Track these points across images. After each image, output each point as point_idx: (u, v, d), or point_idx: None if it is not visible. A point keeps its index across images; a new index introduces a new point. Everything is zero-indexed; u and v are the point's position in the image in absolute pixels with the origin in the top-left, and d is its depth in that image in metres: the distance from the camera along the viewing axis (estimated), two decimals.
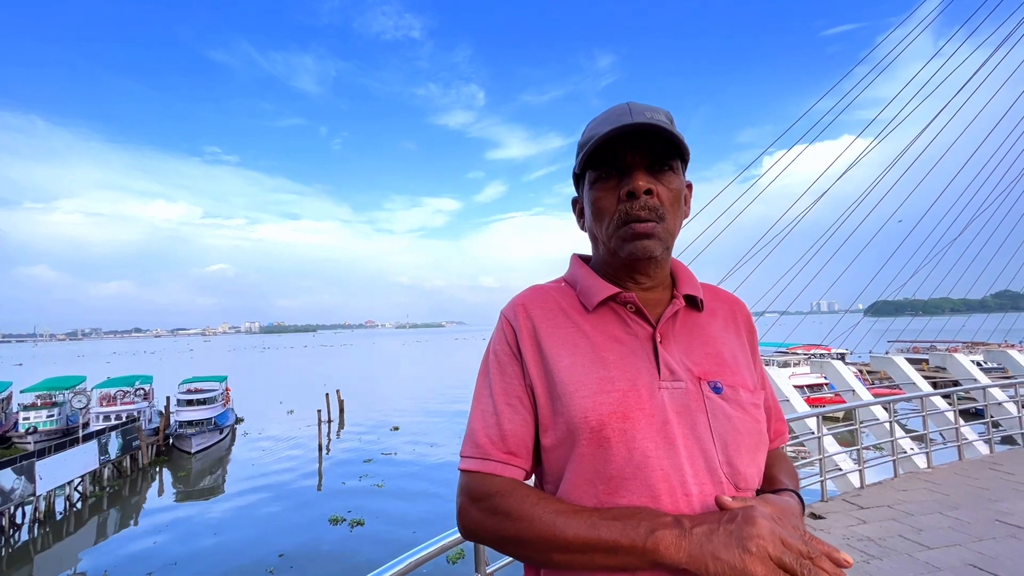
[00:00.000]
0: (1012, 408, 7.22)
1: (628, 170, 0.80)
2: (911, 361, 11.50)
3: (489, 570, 1.86)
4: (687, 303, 0.87)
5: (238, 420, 34.84)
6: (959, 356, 11.36)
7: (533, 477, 0.87)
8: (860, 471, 5.13)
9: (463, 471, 0.81)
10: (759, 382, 0.90)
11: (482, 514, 0.77)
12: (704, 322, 0.88)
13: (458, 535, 1.61)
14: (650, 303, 0.86)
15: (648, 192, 0.79)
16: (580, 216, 0.94)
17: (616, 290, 0.84)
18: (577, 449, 0.76)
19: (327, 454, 26.54)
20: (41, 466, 18.64)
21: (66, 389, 30.61)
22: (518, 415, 0.81)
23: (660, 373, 0.78)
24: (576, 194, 0.95)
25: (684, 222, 0.88)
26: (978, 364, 12.28)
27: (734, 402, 0.80)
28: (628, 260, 0.83)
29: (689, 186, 0.88)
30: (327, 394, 33.64)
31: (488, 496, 0.77)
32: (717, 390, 0.80)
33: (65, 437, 23.99)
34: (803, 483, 5.12)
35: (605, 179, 0.83)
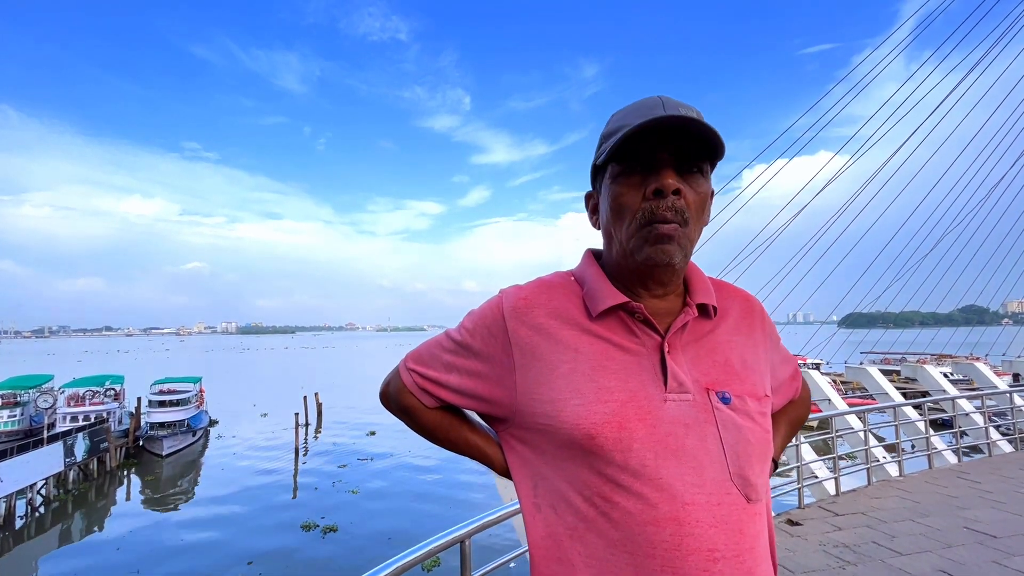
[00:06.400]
0: (978, 419, 7.45)
1: (656, 167, 0.75)
2: (883, 372, 11.76)
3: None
4: (699, 312, 0.83)
5: (212, 422, 34.06)
6: (929, 368, 11.67)
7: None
8: (835, 479, 5.22)
9: (403, 367, 0.93)
10: (781, 375, 0.96)
11: (392, 397, 0.94)
12: (713, 327, 0.84)
13: (442, 540, 1.67)
14: (660, 312, 0.81)
15: (676, 192, 0.74)
16: (593, 213, 0.89)
17: (624, 299, 0.79)
18: (571, 454, 0.76)
19: (303, 456, 26.09)
20: (2, 468, 17.92)
21: (31, 388, 29.47)
22: (442, 377, 0.88)
23: (667, 385, 0.76)
24: (591, 189, 0.90)
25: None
26: (946, 375, 12.64)
27: (743, 412, 0.78)
28: (645, 264, 0.77)
29: (711, 193, 0.82)
30: (304, 397, 33.10)
31: (398, 399, 0.93)
32: (725, 400, 0.78)
33: (28, 438, 23.13)
34: (781, 491, 5.21)
35: (629, 174, 0.77)
